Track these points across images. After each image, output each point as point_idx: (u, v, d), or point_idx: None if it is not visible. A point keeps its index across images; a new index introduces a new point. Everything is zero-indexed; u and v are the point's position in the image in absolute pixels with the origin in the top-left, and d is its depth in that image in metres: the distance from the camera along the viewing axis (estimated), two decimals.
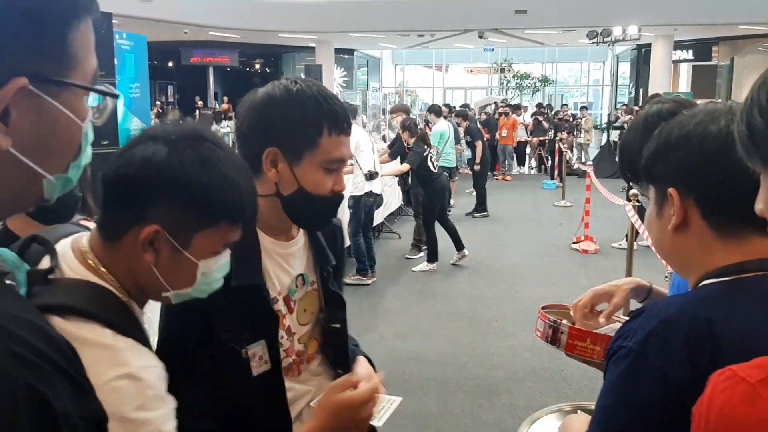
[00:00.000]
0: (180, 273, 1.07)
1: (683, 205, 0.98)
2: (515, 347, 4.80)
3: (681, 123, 1.01)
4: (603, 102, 28.64)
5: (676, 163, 0.99)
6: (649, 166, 1.04)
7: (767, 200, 0.73)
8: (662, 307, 0.97)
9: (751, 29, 18.38)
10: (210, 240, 1.07)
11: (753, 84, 0.73)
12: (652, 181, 1.05)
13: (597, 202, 8.17)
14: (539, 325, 1.43)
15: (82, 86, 0.69)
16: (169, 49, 23.00)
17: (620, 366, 0.94)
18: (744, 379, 0.65)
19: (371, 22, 18.05)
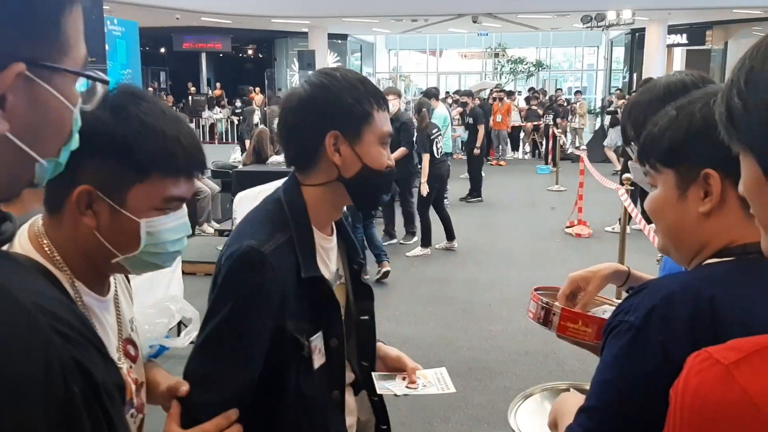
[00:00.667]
0: (123, 234, 1.04)
1: (722, 185, 0.97)
2: (508, 331, 4.83)
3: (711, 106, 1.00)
4: (597, 86, 28.63)
5: (720, 145, 0.96)
6: (677, 148, 1.01)
7: (746, 182, 0.74)
8: (665, 283, 0.98)
9: (744, 13, 18.36)
10: (146, 195, 1.04)
11: (734, 65, 0.73)
12: (674, 163, 1.02)
13: (590, 186, 8.19)
14: (531, 306, 1.43)
15: (75, 71, 0.70)
16: (161, 35, 22.82)
17: (621, 341, 0.94)
18: (719, 361, 0.66)
19: (364, 7, 17.94)
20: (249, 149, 7.34)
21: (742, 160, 0.74)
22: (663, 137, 1.03)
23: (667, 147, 1.03)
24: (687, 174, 1.00)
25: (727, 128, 0.73)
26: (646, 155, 1.07)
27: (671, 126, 1.03)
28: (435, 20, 20.81)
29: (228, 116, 20.75)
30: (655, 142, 1.05)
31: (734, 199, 0.97)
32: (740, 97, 0.70)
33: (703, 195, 0.98)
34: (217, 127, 20.83)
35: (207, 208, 7.93)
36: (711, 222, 0.99)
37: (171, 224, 1.08)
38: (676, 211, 1.03)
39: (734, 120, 0.71)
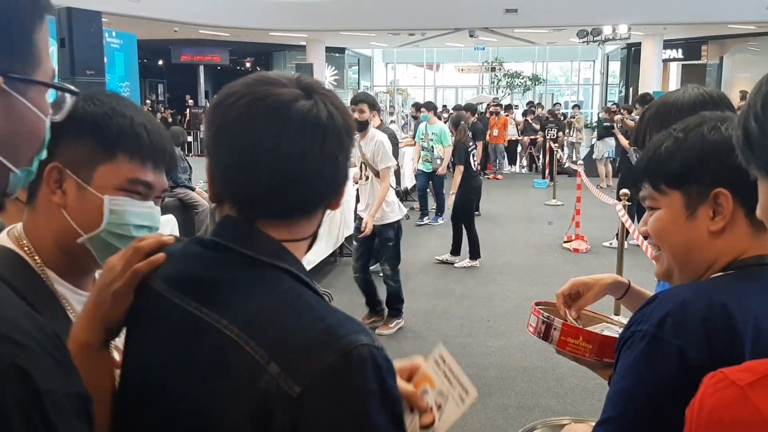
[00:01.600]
0: (88, 211, 1.08)
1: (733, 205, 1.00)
2: (507, 346, 4.81)
3: (725, 125, 1.02)
4: (593, 101, 28.75)
5: (733, 166, 0.96)
6: (689, 169, 1.03)
7: (762, 205, 0.75)
8: (677, 292, 1.00)
9: (740, 28, 18.51)
10: (112, 174, 1.08)
11: (752, 89, 0.74)
12: (683, 184, 1.04)
13: (588, 201, 8.21)
14: (532, 320, 1.43)
15: (47, 84, 0.73)
16: (159, 48, 22.88)
17: (636, 349, 0.95)
18: (734, 382, 0.66)
19: (362, 21, 18.04)
20: None
21: (760, 183, 0.75)
22: (672, 159, 1.04)
23: (677, 169, 1.04)
24: (696, 194, 1.02)
25: (744, 152, 0.74)
26: (651, 177, 1.07)
27: (680, 148, 1.04)
28: (432, 34, 20.92)
29: None
30: (662, 165, 1.06)
31: (742, 216, 1.00)
32: (757, 122, 0.71)
33: (712, 214, 1.01)
34: None
35: (205, 222, 7.91)
36: (720, 240, 1.01)
37: (136, 209, 1.10)
38: (685, 231, 1.04)
39: (751, 144, 0.72)
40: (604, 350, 1.26)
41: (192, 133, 20.53)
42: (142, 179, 1.10)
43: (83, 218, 1.08)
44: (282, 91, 0.87)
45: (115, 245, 1.09)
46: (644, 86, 19.79)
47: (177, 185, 7.80)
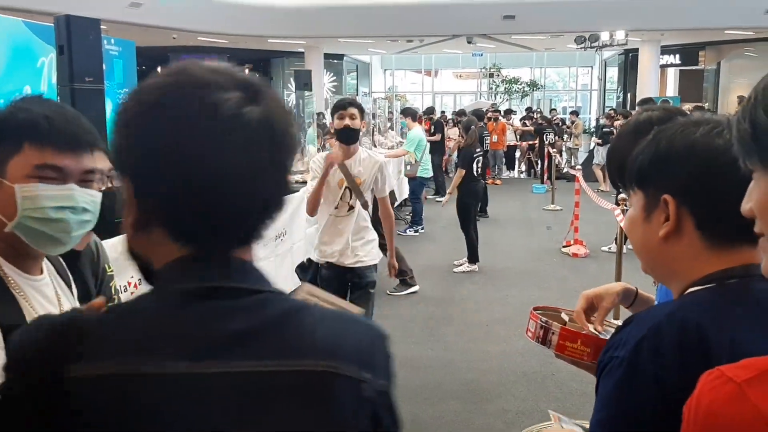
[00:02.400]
0: (7, 203, 1.16)
1: (678, 213, 0.99)
2: (507, 352, 4.81)
3: (684, 132, 1.02)
4: (591, 106, 28.83)
5: (679, 172, 0.99)
6: (644, 171, 1.04)
7: (759, 199, 0.73)
8: (651, 314, 0.99)
9: (737, 34, 18.57)
10: (21, 165, 1.16)
11: (757, 84, 0.73)
12: (643, 185, 1.05)
13: (586, 205, 8.22)
14: (530, 325, 1.44)
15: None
16: (157, 54, 22.87)
17: (613, 377, 0.94)
18: (731, 379, 0.67)
19: (360, 28, 18.08)
20: None
21: (760, 178, 0.74)
22: (635, 160, 1.06)
23: (637, 169, 1.06)
24: (652, 198, 1.03)
25: (747, 145, 0.73)
26: (628, 176, 1.10)
27: (644, 150, 1.05)
28: (430, 41, 20.97)
29: None
30: (632, 164, 1.08)
31: (691, 228, 0.99)
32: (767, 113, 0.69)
33: (663, 220, 1.01)
34: None
35: None
36: (670, 248, 1.01)
37: (49, 192, 1.17)
38: (642, 232, 1.05)
39: (759, 135, 0.71)
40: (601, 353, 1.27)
41: None
42: (50, 163, 1.17)
43: (5, 209, 1.16)
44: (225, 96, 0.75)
45: (39, 229, 1.18)
46: (642, 92, 19.83)
47: None
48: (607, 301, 1.43)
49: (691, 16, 15.93)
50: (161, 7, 15.10)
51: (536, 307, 1.50)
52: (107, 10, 14.05)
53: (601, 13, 16.16)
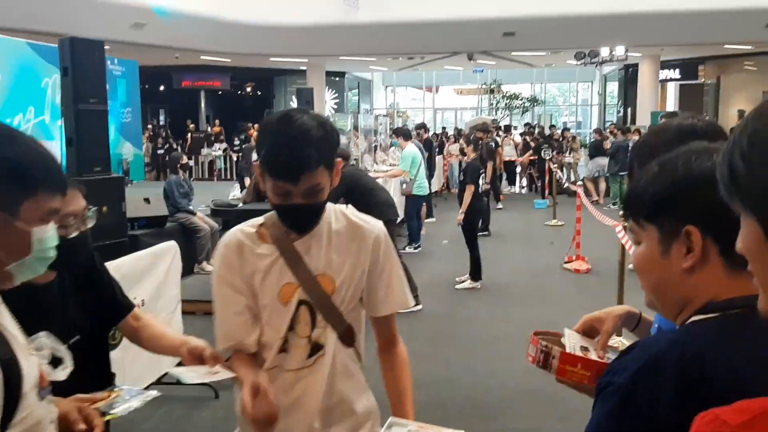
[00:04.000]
0: (16, 243, 1.20)
1: (703, 243, 0.97)
2: (511, 369, 4.80)
3: (697, 160, 1.00)
4: (592, 121, 28.90)
5: (701, 201, 0.97)
6: (660, 204, 1.02)
7: (746, 241, 0.75)
8: (652, 342, 0.98)
9: (736, 49, 18.66)
10: (33, 208, 1.20)
11: (735, 126, 0.75)
12: (657, 219, 1.02)
13: (588, 221, 8.22)
14: (531, 350, 1.45)
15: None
16: (160, 73, 23.08)
17: (608, 402, 0.94)
18: (726, 422, 0.66)
19: (362, 46, 18.22)
20: (249, 187, 7.38)
21: (743, 220, 0.75)
22: (646, 192, 1.04)
23: (649, 202, 1.03)
24: (670, 230, 1.00)
25: (728, 188, 0.74)
26: (630, 211, 1.07)
27: (654, 181, 1.03)
28: (431, 58, 21.11)
29: (225, 151, 20.87)
30: (639, 198, 1.05)
31: (715, 255, 0.97)
32: (743, 160, 0.71)
33: (685, 251, 0.98)
34: (216, 164, 20.93)
35: (206, 246, 7.93)
36: (693, 278, 0.99)
37: (53, 233, 1.25)
38: (661, 267, 1.02)
39: (737, 181, 0.72)
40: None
41: (193, 157, 20.63)
42: (57, 208, 1.25)
43: (10, 249, 1.20)
44: None
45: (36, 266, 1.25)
46: (642, 106, 19.92)
47: (178, 210, 7.84)
48: (608, 324, 1.42)
49: (690, 31, 16.03)
50: (164, 27, 15.26)
51: (537, 332, 1.52)
52: (111, 31, 14.19)
53: (601, 29, 16.27)
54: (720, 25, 15.57)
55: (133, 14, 14.39)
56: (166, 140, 21.18)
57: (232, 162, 20.31)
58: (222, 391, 4.38)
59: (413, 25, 16.65)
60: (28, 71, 12.34)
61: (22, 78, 12.21)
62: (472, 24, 16.45)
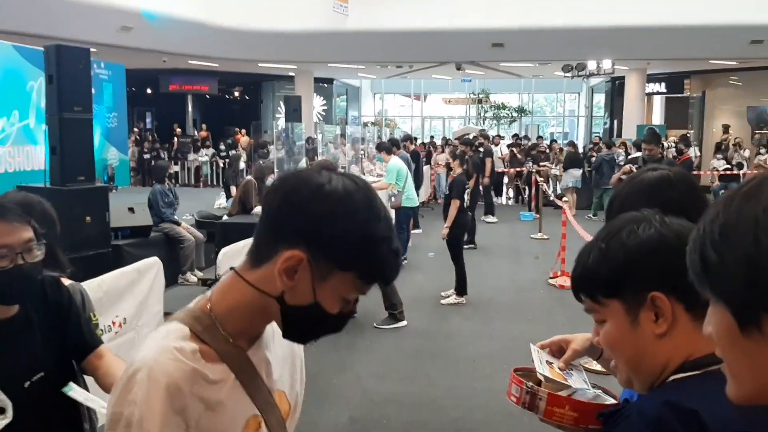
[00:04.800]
0: None
1: (671, 305, 0.99)
2: (493, 388, 4.79)
3: (643, 227, 1.04)
4: (579, 132, 29.09)
5: (659, 266, 1.00)
6: (619, 277, 1.03)
7: (717, 329, 0.75)
8: (645, 407, 0.98)
9: (722, 64, 18.87)
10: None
11: (704, 214, 0.74)
12: (619, 292, 1.03)
13: (573, 235, 8.25)
14: (514, 390, 1.45)
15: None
16: (147, 77, 22.93)
17: None
18: None
19: (350, 54, 18.22)
20: (235, 199, 7.34)
21: (714, 308, 0.75)
22: (600, 271, 1.05)
23: (607, 278, 1.04)
24: (634, 300, 1.02)
25: (699, 277, 0.74)
26: (587, 291, 1.07)
27: (605, 258, 1.04)
28: (419, 66, 21.15)
29: (212, 157, 20.78)
30: (594, 277, 1.06)
31: (683, 314, 1.00)
32: (715, 250, 0.71)
33: (654, 317, 1.00)
34: (202, 170, 20.84)
35: (191, 257, 7.88)
36: (667, 341, 1.00)
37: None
38: (633, 339, 1.03)
39: (709, 271, 0.72)
40: (588, 418, 1.29)
41: (180, 162, 20.51)
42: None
43: None
44: None
45: None
46: (628, 119, 20.07)
47: (162, 220, 7.78)
48: (577, 343, 1.44)
49: (676, 46, 16.18)
50: (152, 30, 15.16)
51: (516, 369, 1.52)
52: (98, 34, 14.09)
53: (588, 42, 16.38)
54: (706, 41, 15.74)
55: (120, 17, 14.29)
56: (152, 145, 21.07)
57: (218, 168, 20.23)
58: None
59: (402, 33, 16.66)
60: (13, 74, 12.21)
61: (7, 81, 12.08)
62: (461, 34, 16.50)
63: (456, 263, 7.16)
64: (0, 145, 11.91)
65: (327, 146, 12.34)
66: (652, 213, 1.06)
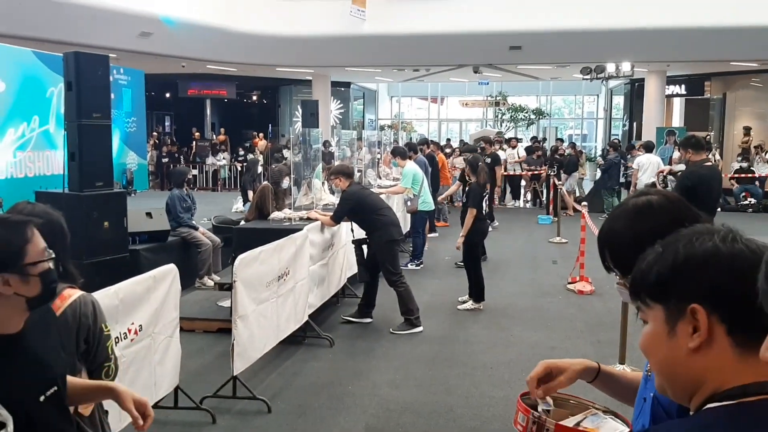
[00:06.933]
0: None
1: (709, 321, 0.97)
2: (510, 397, 4.74)
3: (699, 239, 1.02)
4: (597, 134, 28.88)
5: (706, 279, 0.98)
6: (664, 283, 1.02)
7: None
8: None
9: (742, 65, 18.62)
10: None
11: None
12: (663, 298, 1.03)
13: (592, 239, 8.15)
14: (520, 418, 1.44)
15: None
16: (166, 81, 23.14)
17: None
18: None
19: (367, 57, 18.22)
20: (252, 205, 7.35)
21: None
22: (650, 273, 1.04)
23: (654, 282, 1.03)
24: (675, 309, 1.01)
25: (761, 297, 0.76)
26: (636, 291, 1.08)
27: (658, 261, 1.04)
28: (436, 70, 21.11)
29: (230, 162, 20.91)
30: (644, 278, 1.06)
31: (722, 336, 0.97)
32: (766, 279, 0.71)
33: (691, 331, 0.98)
34: (220, 173, 20.97)
35: (208, 261, 7.91)
36: (701, 359, 0.98)
37: None
38: (667, 347, 1.02)
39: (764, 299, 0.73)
40: None
41: (198, 166, 20.65)
42: None
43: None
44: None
45: None
46: (648, 121, 19.87)
47: (180, 224, 7.82)
48: (566, 376, 1.46)
49: (697, 48, 16.00)
50: (171, 36, 15.28)
51: (523, 394, 1.50)
52: (118, 40, 14.23)
53: (607, 44, 16.25)
54: (726, 43, 15.54)
55: (140, 23, 14.42)
56: (171, 149, 21.24)
57: (236, 172, 20.33)
58: (219, 416, 4.34)
59: (419, 37, 16.64)
60: (33, 80, 12.37)
61: (28, 87, 12.24)
62: (479, 37, 16.44)
63: (473, 271, 7.08)
64: (20, 150, 12.06)
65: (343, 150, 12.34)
66: (726, 228, 1.04)
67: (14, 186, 11.28)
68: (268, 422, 4.33)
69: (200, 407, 4.35)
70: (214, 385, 4.55)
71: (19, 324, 1.70)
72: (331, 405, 4.59)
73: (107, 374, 2.27)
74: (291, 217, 6.71)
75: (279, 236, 5.46)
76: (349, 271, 7.33)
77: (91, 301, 2.22)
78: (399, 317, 6.37)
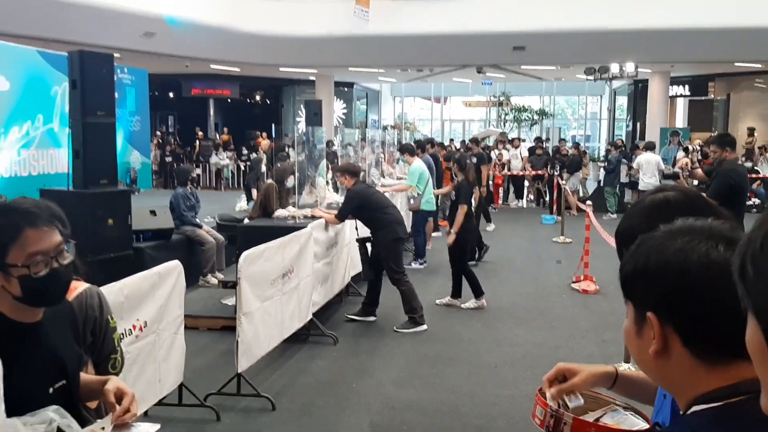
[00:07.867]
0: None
1: (663, 331, 0.94)
2: (515, 396, 4.73)
3: (661, 245, 0.97)
4: (601, 135, 28.84)
5: (657, 290, 0.95)
6: (628, 286, 1.01)
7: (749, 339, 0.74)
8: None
9: (746, 66, 18.59)
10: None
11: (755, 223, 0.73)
12: (630, 299, 1.01)
13: (596, 239, 8.14)
14: (538, 412, 1.43)
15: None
16: (170, 81, 23.17)
17: None
18: None
19: (371, 58, 18.22)
20: (256, 203, 7.35)
21: (749, 318, 0.74)
22: (622, 270, 1.02)
23: (622, 281, 1.02)
24: (639, 312, 0.98)
25: (738, 284, 0.73)
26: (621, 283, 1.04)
27: (629, 260, 1.01)
28: (439, 70, 21.11)
29: (234, 160, 20.92)
30: (619, 274, 1.04)
31: (679, 346, 0.94)
32: (753, 262, 0.70)
33: (652, 336, 0.96)
34: (223, 173, 20.98)
35: (211, 259, 7.91)
36: (664, 366, 0.97)
37: None
38: (637, 345, 1.01)
39: (745, 281, 0.71)
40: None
41: (201, 165, 20.66)
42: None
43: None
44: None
45: None
46: (651, 122, 19.85)
47: (184, 222, 7.82)
48: (581, 378, 1.44)
49: (701, 49, 15.96)
50: (174, 36, 15.29)
51: (541, 389, 1.50)
52: (122, 40, 14.25)
53: (611, 45, 16.22)
54: (730, 44, 15.50)
55: (144, 23, 14.43)
56: (174, 149, 21.26)
57: (239, 171, 20.35)
58: (224, 413, 4.33)
59: (423, 37, 16.63)
60: (37, 79, 12.38)
61: (32, 86, 12.25)
62: (482, 38, 16.42)
63: (460, 268, 7.01)
64: (24, 148, 12.08)
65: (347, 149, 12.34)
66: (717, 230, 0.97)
67: (18, 184, 11.28)
68: (272, 420, 4.32)
69: (204, 404, 4.35)
70: (219, 383, 4.54)
71: (37, 314, 1.70)
72: (336, 403, 4.58)
73: (114, 366, 2.26)
74: (295, 215, 6.70)
75: (283, 234, 5.45)
76: (353, 270, 7.32)
77: (96, 293, 2.22)
78: (403, 315, 6.36)
